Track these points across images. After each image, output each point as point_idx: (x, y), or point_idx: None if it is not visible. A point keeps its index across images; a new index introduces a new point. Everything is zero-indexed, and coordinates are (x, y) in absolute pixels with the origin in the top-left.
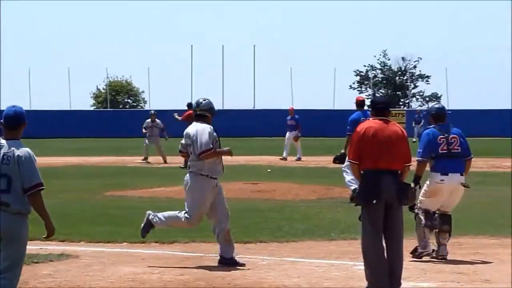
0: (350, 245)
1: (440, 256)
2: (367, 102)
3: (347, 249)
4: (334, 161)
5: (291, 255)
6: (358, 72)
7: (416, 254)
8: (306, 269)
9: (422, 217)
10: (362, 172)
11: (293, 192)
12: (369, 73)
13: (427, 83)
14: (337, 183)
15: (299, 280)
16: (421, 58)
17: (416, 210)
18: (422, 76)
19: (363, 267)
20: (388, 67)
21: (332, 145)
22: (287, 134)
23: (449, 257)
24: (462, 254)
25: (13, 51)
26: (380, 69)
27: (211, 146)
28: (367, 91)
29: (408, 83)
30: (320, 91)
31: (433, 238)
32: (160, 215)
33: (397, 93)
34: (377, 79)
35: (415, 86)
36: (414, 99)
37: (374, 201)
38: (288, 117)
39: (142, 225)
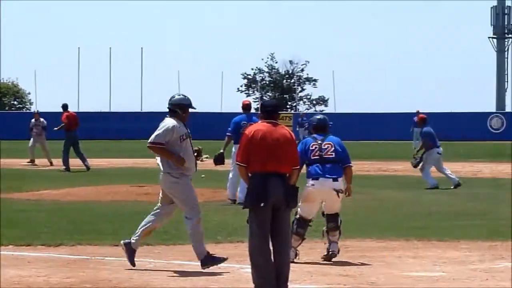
0: (236, 248)
1: (331, 251)
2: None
3: (234, 252)
4: (215, 163)
5: (178, 258)
6: (245, 75)
7: None
8: (192, 272)
9: (294, 224)
10: (250, 175)
11: None
12: (256, 76)
13: (314, 87)
14: (224, 186)
15: (185, 283)
16: (308, 62)
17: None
18: (309, 80)
19: (250, 270)
20: (275, 70)
21: (219, 148)
22: None
23: (336, 260)
24: (349, 257)
25: None
26: (267, 72)
27: (163, 141)
28: (255, 94)
29: (295, 86)
30: (207, 94)
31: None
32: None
33: (285, 96)
34: (264, 82)
35: (303, 89)
36: (301, 102)
37: (262, 204)
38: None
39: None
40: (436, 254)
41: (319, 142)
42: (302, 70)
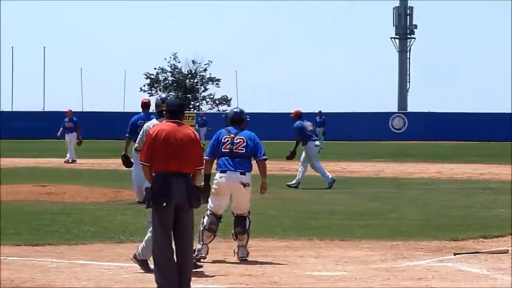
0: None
1: (241, 258)
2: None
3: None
4: (125, 165)
5: (81, 258)
6: (148, 75)
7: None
8: (95, 271)
9: (205, 220)
10: (154, 174)
11: (83, 195)
12: (159, 76)
13: (217, 86)
14: (126, 186)
15: (88, 283)
16: (211, 61)
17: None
18: (212, 79)
19: (152, 270)
20: (178, 70)
21: (122, 148)
22: (66, 136)
23: (237, 260)
24: (252, 257)
25: None
26: (170, 72)
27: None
28: (158, 94)
29: (198, 86)
30: (110, 93)
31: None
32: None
33: (188, 96)
34: (167, 82)
35: (206, 89)
36: (204, 102)
37: (164, 204)
38: (66, 119)
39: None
40: (338, 254)
41: (232, 135)
42: (205, 69)
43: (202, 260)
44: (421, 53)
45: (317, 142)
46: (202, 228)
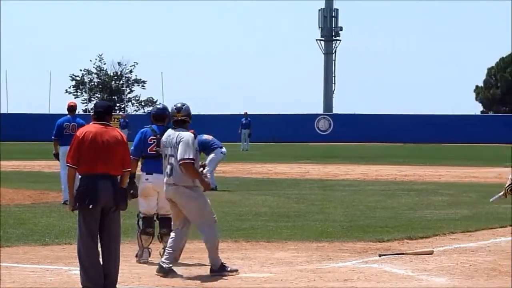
0: (64, 250)
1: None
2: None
3: (62, 254)
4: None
5: (5, 261)
6: (73, 76)
7: (136, 260)
8: (20, 274)
9: (140, 224)
10: (80, 176)
11: (8, 197)
12: (85, 77)
13: (143, 88)
14: (52, 188)
15: (13, 285)
16: (137, 63)
17: (137, 216)
18: (138, 81)
19: (78, 272)
20: (104, 72)
21: (49, 149)
22: None
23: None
24: None
25: None
26: (96, 73)
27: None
28: (83, 96)
29: (124, 88)
30: (35, 94)
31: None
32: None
33: (113, 97)
34: (93, 83)
35: (131, 91)
36: (130, 103)
37: (90, 206)
38: None
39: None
40: (264, 255)
41: (158, 136)
42: (131, 71)
43: (142, 262)
44: (347, 55)
45: None
46: (138, 233)
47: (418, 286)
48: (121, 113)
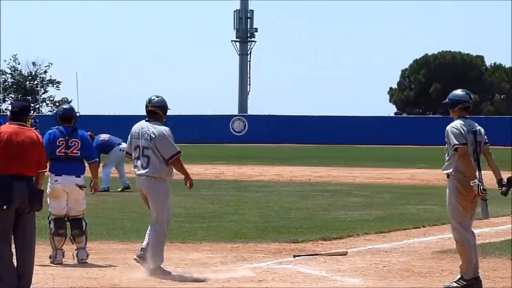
0: None
1: (80, 260)
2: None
3: None
4: None
5: None
6: None
7: (50, 261)
8: None
9: (52, 225)
10: None
11: None
12: None
13: (58, 89)
14: None
15: None
16: (52, 63)
17: (48, 218)
18: (52, 81)
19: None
20: (18, 72)
21: None
22: None
23: (76, 262)
24: (92, 259)
25: None
26: (10, 73)
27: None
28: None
29: (38, 88)
30: None
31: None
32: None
33: (28, 97)
34: (7, 84)
35: (46, 91)
36: (44, 104)
37: (5, 206)
38: None
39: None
40: (179, 256)
41: (66, 138)
42: (45, 71)
43: (56, 263)
44: (262, 56)
45: (123, 146)
46: (51, 234)
47: (332, 286)
48: (34, 113)
